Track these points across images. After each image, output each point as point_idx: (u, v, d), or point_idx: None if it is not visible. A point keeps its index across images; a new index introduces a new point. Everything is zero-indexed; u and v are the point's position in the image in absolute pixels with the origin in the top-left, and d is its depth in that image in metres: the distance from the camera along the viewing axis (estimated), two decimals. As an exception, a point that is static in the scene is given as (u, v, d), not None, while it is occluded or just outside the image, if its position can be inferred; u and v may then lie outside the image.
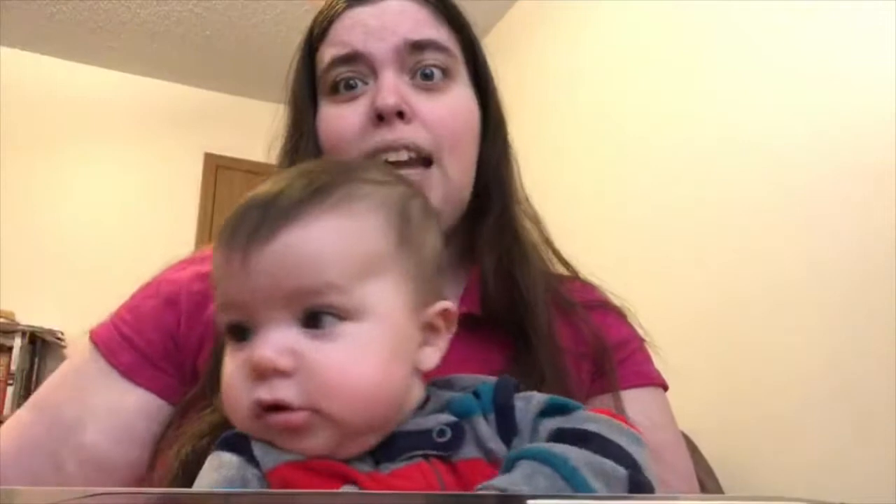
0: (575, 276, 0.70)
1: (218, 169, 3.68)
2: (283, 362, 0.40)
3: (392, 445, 0.42)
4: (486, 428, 0.42)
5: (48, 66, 3.50)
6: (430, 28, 0.63)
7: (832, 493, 1.32)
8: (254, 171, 3.21)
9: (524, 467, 0.37)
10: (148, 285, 0.65)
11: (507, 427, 0.42)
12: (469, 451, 0.41)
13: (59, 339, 3.12)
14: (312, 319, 0.41)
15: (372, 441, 0.42)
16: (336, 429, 0.40)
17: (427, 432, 0.42)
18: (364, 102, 0.61)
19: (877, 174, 1.37)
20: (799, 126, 1.57)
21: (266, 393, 0.40)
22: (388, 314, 0.42)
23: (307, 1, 0.72)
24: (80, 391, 0.60)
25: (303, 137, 0.64)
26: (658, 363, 0.69)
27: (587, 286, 0.71)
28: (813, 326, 1.47)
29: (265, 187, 0.44)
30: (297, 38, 0.69)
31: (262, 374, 0.40)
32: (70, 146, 3.49)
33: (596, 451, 0.38)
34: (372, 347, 0.41)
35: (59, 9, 3.13)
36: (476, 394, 0.44)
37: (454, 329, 0.47)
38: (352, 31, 0.63)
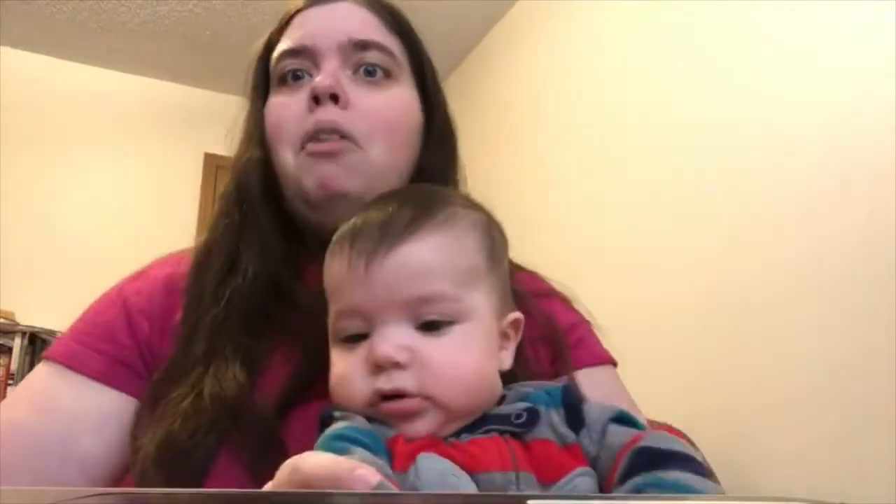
0: (519, 268, 0.72)
1: (218, 169, 3.67)
2: (401, 356, 0.46)
3: (475, 424, 0.48)
4: (557, 417, 0.47)
5: (48, 66, 3.50)
6: (376, 31, 0.66)
7: (832, 493, 1.32)
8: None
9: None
10: (103, 299, 0.65)
11: (575, 419, 0.48)
12: (541, 433, 0.46)
13: (59, 339, 3.12)
14: (424, 321, 0.48)
15: (465, 423, 0.48)
16: (443, 413, 0.46)
17: (506, 416, 0.47)
18: (305, 90, 0.63)
19: (878, 169, 1.37)
20: (793, 116, 1.57)
21: (385, 383, 0.46)
22: (483, 318, 0.50)
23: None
24: (53, 410, 0.58)
25: (254, 128, 0.68)
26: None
27: (532, 276, 0.73)
28: (813, 325, 1.47)
29: (375, 212, 0.51)
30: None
31: (383, 367, 0.46)
32: (70, 146, 3.49)
33: (698, 472, 0.42)
34: (474, 344, 0.49)
35: (59, 9, 3.12)
36: (547, 392, 0.50)
37: (520, 337, 0.54)
38: (302, 27, 0.66)
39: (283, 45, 0.67)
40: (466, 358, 0.48)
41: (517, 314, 0.54)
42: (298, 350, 0.58)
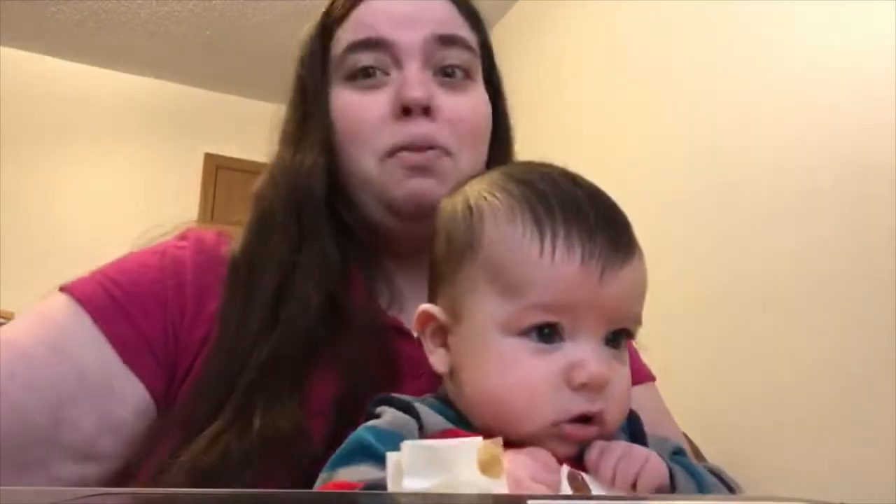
0: None
1: (218, 169, 3.68)
2: (609, 379, 0.43)
3: None
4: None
5: (48, 66, 3.51)
6: (458, 25, 0.61)
7: (832, 494, 1.32)
8: (254, 171, 3.19)
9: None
10: (145, 254, 0.59)
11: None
12: None
13: (59, 339, 3.12)
14: (614, 340, 0.45)
15: None
16: (599, 438, 0.44)
17: None
18: (387, 93, 0.58)
19: (877, 169, 1.37)
20: (796, 119, 1.57)
21: (591, 405, 0.42)
22: None
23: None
24: (68, 364, 0.51)
25: (312, 123, 0.61)
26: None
27: None
28: (813, 325, 1.47)
29: (592, 206, 0.46)
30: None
31: (596, 388, 0.42)
32: (70, 146, 3.49)
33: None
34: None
35: (59, 9, 3.13)
36: None
37: None
38: (377, 16, 0.60)
39: (353, 35, 0.59)
40: (630, 386, 0.46)
41: None
42: (343, 375, 0.53)
